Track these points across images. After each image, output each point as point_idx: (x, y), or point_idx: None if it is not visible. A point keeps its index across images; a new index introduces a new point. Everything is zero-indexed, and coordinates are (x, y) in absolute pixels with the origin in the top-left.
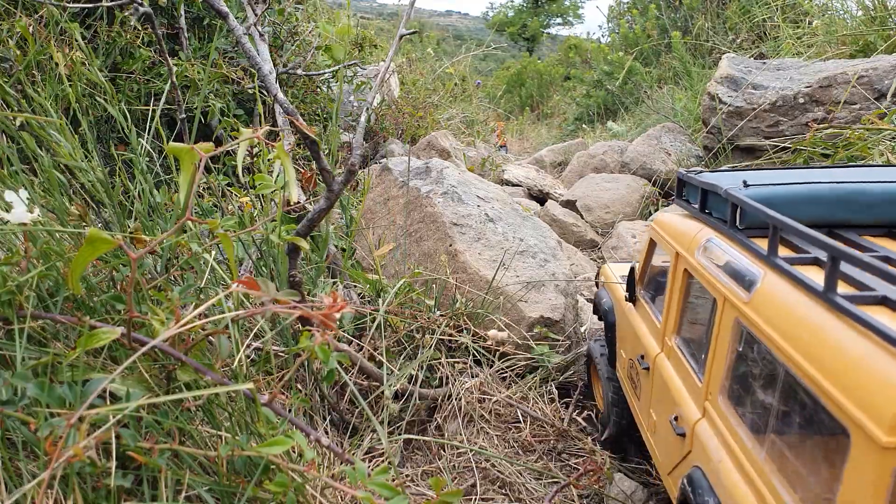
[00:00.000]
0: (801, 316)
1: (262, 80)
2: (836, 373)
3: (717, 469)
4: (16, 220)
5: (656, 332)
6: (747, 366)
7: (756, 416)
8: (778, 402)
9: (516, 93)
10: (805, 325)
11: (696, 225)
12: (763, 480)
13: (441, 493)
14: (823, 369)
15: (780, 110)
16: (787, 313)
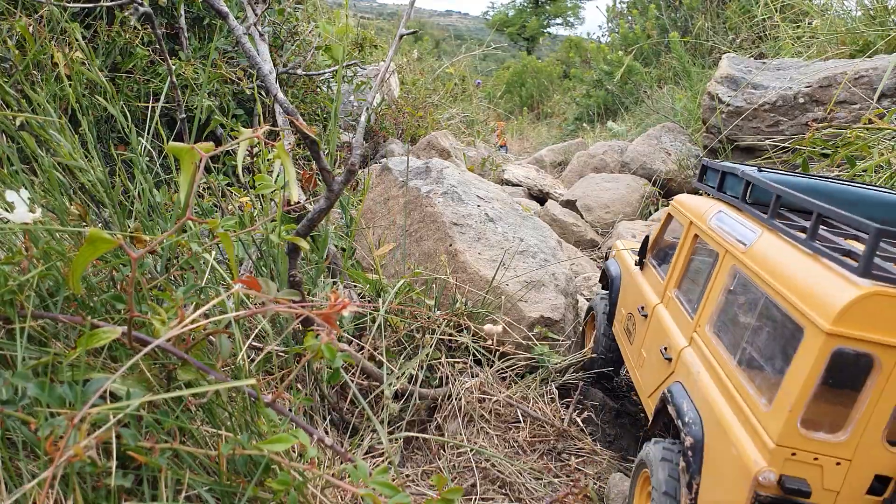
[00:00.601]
0: (785, 258)
1: (262, 80)
2: (803, 292)
3: (695, 379)
4: (18, 220)
5: (659, 288)
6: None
7: (734, 336)
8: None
9: (516, 93)
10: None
11: (710, 202)
12: (732, 380)
13: (443, 491)
14: (795, 291)
15: (780, 110)
16: (774, 257)
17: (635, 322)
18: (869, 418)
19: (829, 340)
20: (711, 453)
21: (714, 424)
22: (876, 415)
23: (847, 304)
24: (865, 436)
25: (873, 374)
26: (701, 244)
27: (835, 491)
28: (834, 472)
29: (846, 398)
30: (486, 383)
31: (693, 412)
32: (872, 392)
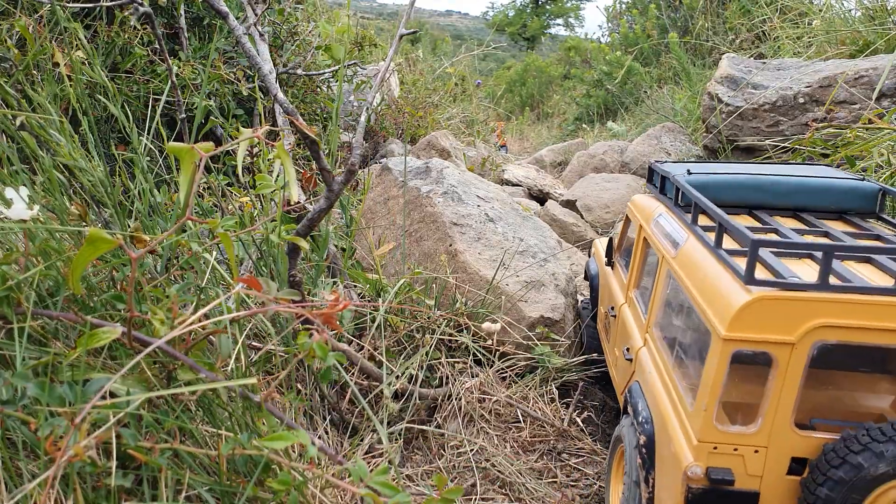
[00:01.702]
0: (700, 263)
1: (262, 80)
2: (708, 299)
3: (647, 378)
4: (15, 216)
5: (623, 287)
6: (671, 303)
7: (670, 336)
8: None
9: (517, 92)
10: (701, 268)
11: (655, 204)
12: (670, 379)
13: (443, 491)
14: (704, 297)
15: (780, 110)
16: (693, 262)
17: (609, 321)
18: (776, 408)
19: (728, 345)
20: (660, 452)
21: (660, 423)
22: (782, 404)
23: (737, 311)
24: (776, 424)
25: (772, 369)
26: (650, 252)
27: (758, 476)
28: (754, 460)
29: (753, 393)
30: (486, 383)
31: (646, 411)
32: (774, 384)
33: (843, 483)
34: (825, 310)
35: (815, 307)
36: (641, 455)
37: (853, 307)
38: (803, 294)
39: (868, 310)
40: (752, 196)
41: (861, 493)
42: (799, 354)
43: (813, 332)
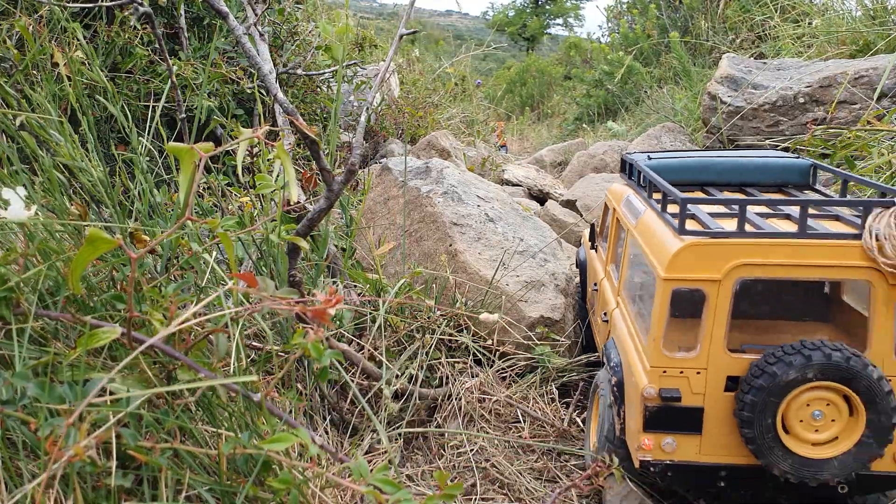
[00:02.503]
0: (651, 225)
1: (262, 80)
2: (654, 250)
3: (618, 332)
4: (13, 217)
5: (603, 264)
6: (633, 265)
7: (633, 293)
8: (640, 279)
9: (517, 92)
10: (651, 229)
11: (626, 188)
12: (633, 326)
13: (444, 487)
14: (651, 250)
15: (780, 110)
16: (647, 226)
17: (594, 295)
18: (711, 335)
19: (667, 284)
20: (627, 389)
21: (626, 364)
22: (715, 332)
23: (672, 256)
24: (712, 349)
25: (705, 302)
26: (620, 227)
27: (701, 393)
28: (697, 380)
29: (692, 324)
30: (485, 383)
31: (617, 358)
32: (707, 315)
33: (762, 389)
34: (742, 252)
35: (734, 250)
36: (614, 394)
37: (764, 248)
38: (724, 240)
39: (776, 250)
40: (703, 175)
41: (777, 397)
42: (725, 289)
43: (734, 270)
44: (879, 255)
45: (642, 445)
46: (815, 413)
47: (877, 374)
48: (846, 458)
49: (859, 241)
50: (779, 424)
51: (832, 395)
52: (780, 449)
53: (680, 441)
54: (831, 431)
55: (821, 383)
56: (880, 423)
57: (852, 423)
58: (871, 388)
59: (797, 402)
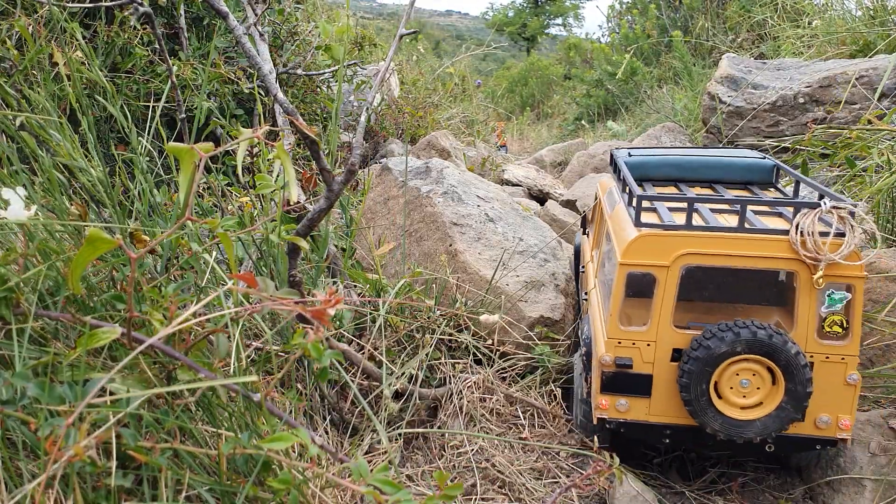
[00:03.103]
0: (620, 216)
1: (262, 80)
2: (621, 236)
3: (591, 309)
4: (13, 217)
5: (589, 249)
6: (606, 251)
7: (604, 275)
8: (607, 262)
9: (517, 92)
10: (619, 220)
11: (612, 182)
12: (600, 304)
13: (444, 487)
14: (617, 238)
15: (780, 110)
16: (617, 217)
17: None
18: (660, 313)
19: (623, 268)
20: (593, 357)
21: (593, 337)
22: (663, 310)
23: (628, 244)
24: (661, 324)
25: (655, 285)
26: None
27: (650, 363)
28: (647, 351)
29: (644, 302)
30: (486, 383)
31: (588, 331)
32: (656, 296)
33: (699, 360)
34: (688, 243)
35: (681, 241)
36: (583, 362)
37: (707, 240)
38: (673, 232)
39: (717, 242)
40: (676, 172)
41: (711, 367)
42: (672, 274)
43: (680, 258)
44: (802, 249)
45: (599, 405)
46: (742, 381)
47: (795, 350)
48: (767, 421)
49: (787, 237)
50: (712, 390)
51: (758, 367)
52: (713, 411)
53: (632, 403)
54: (756, 398)
55: (748, 356)
56: (797, 391)
57: (774, 391)
58: (790, 361)
59: (728, 371)
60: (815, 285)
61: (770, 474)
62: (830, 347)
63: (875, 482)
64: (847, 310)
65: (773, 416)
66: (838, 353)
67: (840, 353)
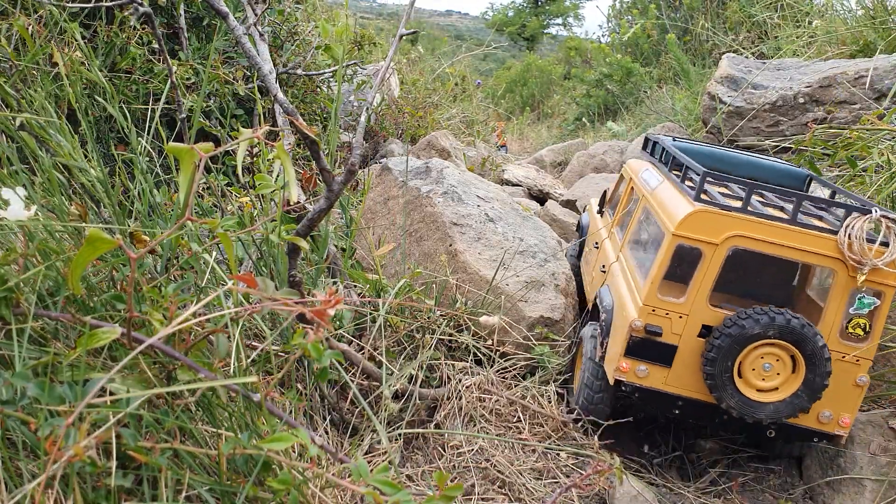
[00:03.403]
0: (667, 193)
1: (262, 80)
2: (667, 212)
3: (614, 280)
4: (13, 217)
5: (608, 228)
6: (641, 225)
7: (636, 247)
8: (646, 236)
9: (517, 92)
10: (667, 196)
11: (643, 163)
12: (631, 273)
13: (444, 488)
14: (664, 212)
15: (780, 110)
16: (663, 193)
17: (591, 254)
18: (698, 288)
19: (674, 239)
20: (614, 322)
21: (619, 304)
22: (703, 286)
23: (684, 217)
24: (696, 300)
25: (701, 260)
26: (633, 195)
27: (678, 334)
28: (678, 322)
29: (685, 276)
30: (486, 383)
31: (609, 300)
32: (699, 272)
33: (731, 337)
34: (740, 225)
35: (734, 222)
36: (602, 328)
37: (759, 226)
38: (727, 213)
39: (768, 230)
40: (715, 164)
41: (740, 346)
42: (720, 252)
43: (730, 238)
44: (848, 251)
45: (620, 367)
46: (765, 365)
47: (822, 343)
48: (780, 406)
49: (835, 237)
50: (735, 369)
51: (782, 353)
52: (732, 388)
53: (651, 370)
54: (774, 382)
55: (777, 341)
56: (815, 382)
57: (793, 379)
58: (815, 352)
59: (754, 353)
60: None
61: (770, 474)
62: (849, 348)
63: (875, 482)
64: (872, 315)
65: (787, 402)
66: (855, 354)
67: (857, 355)
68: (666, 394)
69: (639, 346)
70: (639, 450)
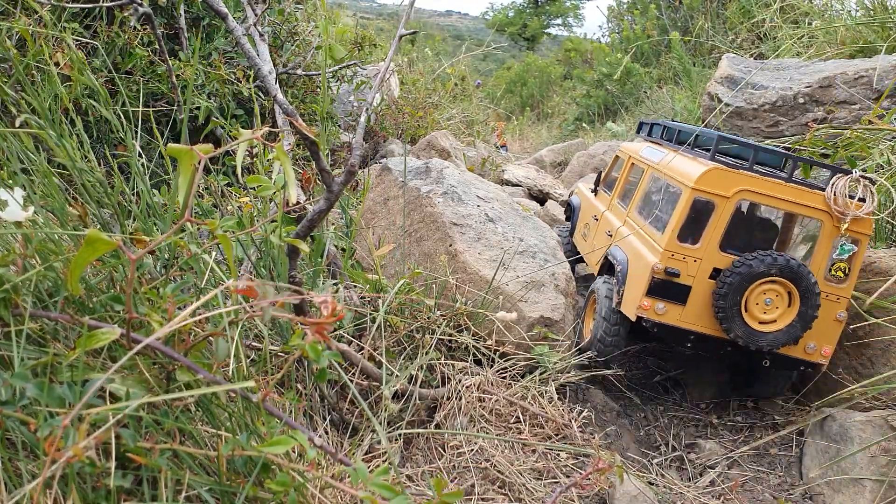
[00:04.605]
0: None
1: (261, 81)
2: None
3: (623, 239)
4: (10, 218)
5: (606, 202)
6: (649, 192)
7: (647, 210)
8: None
9: (517, 92)
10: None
11: (640, 144)
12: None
13: (442, 494)
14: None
15: (780, 110)
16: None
17: (589, 226)
18: (711, 235)
19: (692, 192)
20: (630, 271)
21: (633, 256)
22: (714, 233)
23: (701, 173)
24: (709, 246)
25: (714, 211)
26: (635, 169)
27: (693, 276)
28: (693, 266)
29: (700, 225)
30: (485, 383)
31: (622, 255)
32: (712, 221)
33: (739, 275)
34: (746, 181)
35: (741, 179)
36: (617, 279)
37: (762, 183)
38: (736, 171)
39: (769, 186)
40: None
41: (747, 282)
42: (730, 204)
43: (738, 192)
44: (833, 204)
45: (642, 305)
46: (766, 300)
47: (814, 280)
48: (778, 335)
49: (823, 193)
50: (742, 303)
51: (781, 290)
52: (740, 320)
53: (669, 308)
54: (774, 315)
55: (777, 279)
56: (807, 314)
57: (788, 312)
58: (809, 288)
59: (758, 290)
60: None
61: (770, 474)
62: (831, 288)
63: (875, 482)
64: (850, 260)
65: (784, 332)
66: (836, 293)
67: (837, 294)
68: (680, 329)
69: (659, 286)
70: (639, 450)
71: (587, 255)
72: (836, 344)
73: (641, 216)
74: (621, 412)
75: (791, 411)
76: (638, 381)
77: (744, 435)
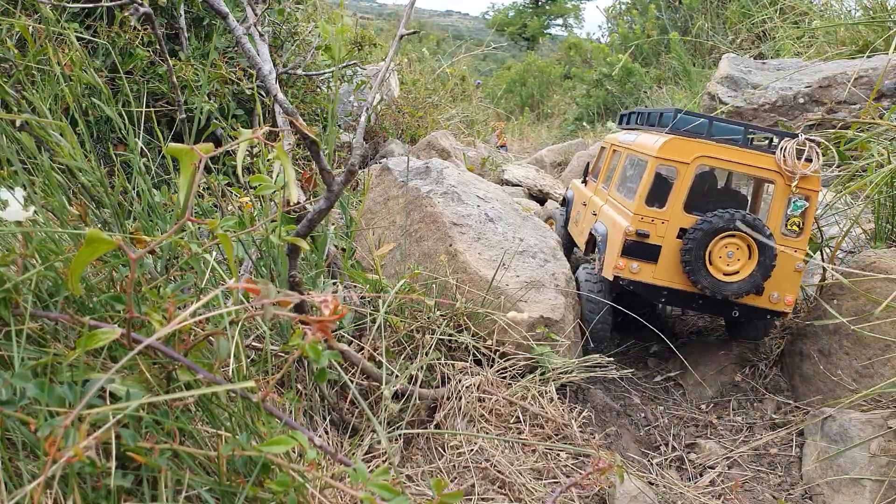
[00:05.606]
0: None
1: (261, 80)
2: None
3: (605, 214)
4: (11, 217)
5: (593, 188)
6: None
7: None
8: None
9: (517, 92)
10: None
11: (619, 133)
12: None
13: (441, 494)
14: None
15: (780, 110)
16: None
17: (579, 212)
18: (675, 198)
19: (655, 161)
20: (609, 239)
21: (611, 226)
22: (678, 196)
23: (662, 144)
24: (674, 208)
25: (676, 176)
26: (615, 154)
27: (662, 237)
28: (661, 227)
29: (665, 189)
30: (486, 383)
31: (602, 228)
32: (675, 185)
33: (703, 231)
34: (704, 148)
35: (699, 146)
36: (597, 247)
37: (718, 149)
38: (694, 139)
39: (725, 151)
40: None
41: (710, 237)
42: (690, 169)
43: (697, 158)
44: (784, 165)
45: (617, 265)
46: (728, 253)
47: (768, 232)
48: (742, 284)
49: (774, 155)
50: (706, 257)
51: (741, 243)
52: (705, 272)
53: (642, 266)
54: (736, 266)
55: (736, 233)
56: (766, 264)
57: (749, 263)
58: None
59: (720, 244)
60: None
61: (770, 474)
62: (788, 241)
63: (875, 482)
64: (804, 214)
65: (746, 281)
66: (793, 246)
67: (794, 246)
68: (654, 285)
69: (632, 247)
70: (639, 450)
71: (577, 238)
72: (797, 292)
73: (620, 193)
74: (621, 412)
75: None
76: (638, 381)
77: (744, 435)
